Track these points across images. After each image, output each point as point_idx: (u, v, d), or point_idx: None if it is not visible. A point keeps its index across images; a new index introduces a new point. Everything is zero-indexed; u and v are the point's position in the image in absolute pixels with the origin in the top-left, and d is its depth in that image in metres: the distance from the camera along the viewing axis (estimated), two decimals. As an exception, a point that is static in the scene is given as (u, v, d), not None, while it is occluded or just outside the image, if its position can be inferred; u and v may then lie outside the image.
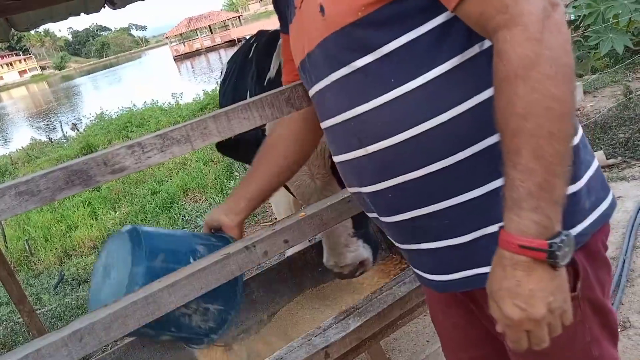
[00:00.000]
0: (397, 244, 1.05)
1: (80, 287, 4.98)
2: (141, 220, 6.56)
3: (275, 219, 3.61)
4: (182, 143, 1.11)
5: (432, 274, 0.99)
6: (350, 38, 0.86)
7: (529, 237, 0.73)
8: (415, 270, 1.06)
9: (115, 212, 7.31)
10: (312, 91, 1.05)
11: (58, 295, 4.82)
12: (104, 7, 3.24)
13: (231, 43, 49.32)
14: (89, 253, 6.14)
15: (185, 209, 6.57)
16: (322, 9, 0.88)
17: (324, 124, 1.03)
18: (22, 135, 19.01)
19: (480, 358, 1.11)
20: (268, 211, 5.23)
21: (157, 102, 15.67)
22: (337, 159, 1.04)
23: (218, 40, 51.80)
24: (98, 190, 8.42)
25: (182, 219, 6.18)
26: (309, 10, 0.93)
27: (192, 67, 38.05)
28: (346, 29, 0.86)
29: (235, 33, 51.53)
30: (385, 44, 0.84)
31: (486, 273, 0.81)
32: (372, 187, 0.96)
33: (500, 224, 0.76)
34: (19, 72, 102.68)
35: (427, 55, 0.83)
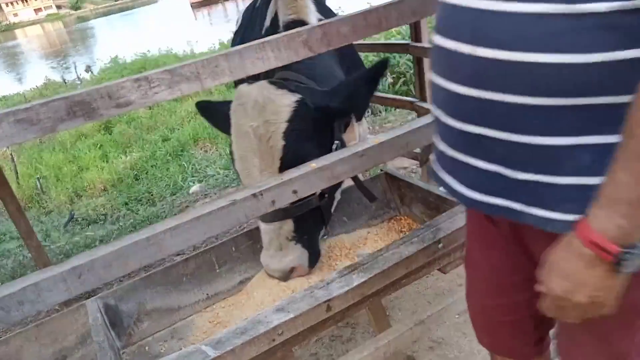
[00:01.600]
0: (446, 147, 1.00)
1: (90, 227, 5.04)
2: (151, 166, 6.57)
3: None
4: (192, 80, 1.05)
5: (473, 190, 0.96)
6: None
7: (606, 237, 0.74)
8: (452, 183, 1.01)
9: (126, 156, 7.32)
10: None
11: (68, 233, 4.89)
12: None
13: (250, -8, 48.10)
14: (99, 195, 6.19)
15: (196, 157, 6.56)
16: None
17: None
18: (37, 75, 18.93)
19: (506, 306, 1.11)
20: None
21: (172, 49, 15.43)
22: (437, 39, 0.95)
23: (236, -11, 50.52)
24: (110, 134, 8.43)
25: (192, 167, 6.18)
26: None
27: (209, 15, 37.27)
28: None
29: (255, -18, 50.15)
30: None
31: (532, 214, 0.85)
32: (459, 88, 0.90)
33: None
34: (34, 9, 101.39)
35: None
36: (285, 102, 1.45)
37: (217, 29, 22.92)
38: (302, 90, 1.50)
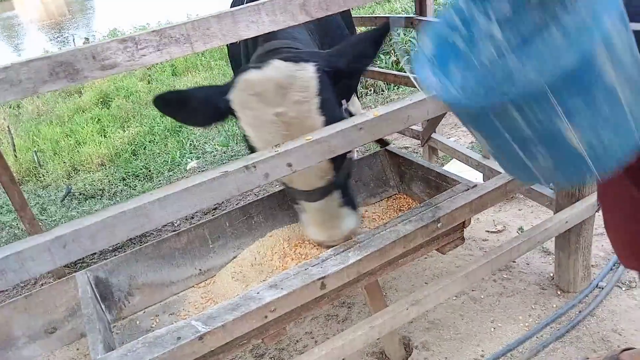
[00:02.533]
0: None
1: (87, 202, 5.01)
2: (149, 142, 6.51)
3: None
4: (182, 43, 1.00)
5: None
6: None
7: None
8: None
9: (124, 131, 7.25)
10: None
11: (64, 207, 4.86)
12: None
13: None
14: (97, 170, 6.14)
15: (194, 134, 6.50)
16: None
17: None
18: (35, 46, 18.70)
19: None
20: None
21: (171, 22, 15.22)
22: None
23: (239, -37, 49.54)
24: (108, 108, 8.34)
25: (190, 144, 6.12)
26: None
27: (210, -10, 36.65)
28: None
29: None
30: None
31: None
32: None
33: None
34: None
35: None
36: (309, 75, 1.33)
37: (219, 1, 22.58)
38: (310, 56, 1.41)
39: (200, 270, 1.71)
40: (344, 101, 1.58)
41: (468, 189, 1.56)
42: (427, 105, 1.37)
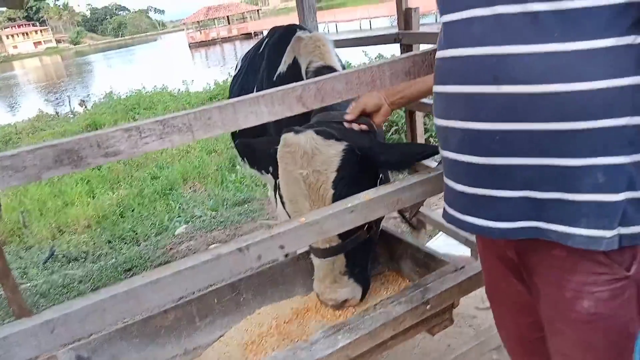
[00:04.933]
0: (465, 187, 1.07)
1: (70, 264, 4.91)
2: (138, 204, 6.49)
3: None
4: (183, 132, 1.04)
5: (499, 221, 1.02)
6: None
7: None
8: (474, 221, 1.07)
9: (113, 193, 7.24)
10: (456, 16, 1.02)
11: (46, 270, 4.76)
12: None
13: (247, 35, 49.25)
14: (82, 231, 6.06)
15: (184, 197, 6.50)
16: None
17: (455, 51, 1.03)
18: (30, 106, 18.96)
19: (537, 322, 1.15)
20: (267, 208, 5.16)
21: (167, 87, 15.60)
22: (448, 88, 1.05)
23: (235, 32, 51.69)
24: (99, 169, 8.37)
25: (179, 207, 6.12)
26: None
27: (206, 56, 37.99)
28: None
29: (253, 26, 51.43)
30: (568, 0, 0.86)
31: (555, 231, 0.94)
32: (483, 125, 0.98)
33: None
34: (34, 42, 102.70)
35: (598, 25, 0.86)
36: (333, 152, 1.48)
37: (213, 70, 23.33)
38: (349, 137, 1.52)
39: (185, 349, 1.67)
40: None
41: (456, 270, 1.58)
42: (417, 189, 1.42)
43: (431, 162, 2.31)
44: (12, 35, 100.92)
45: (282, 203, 1.66)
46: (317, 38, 2.01)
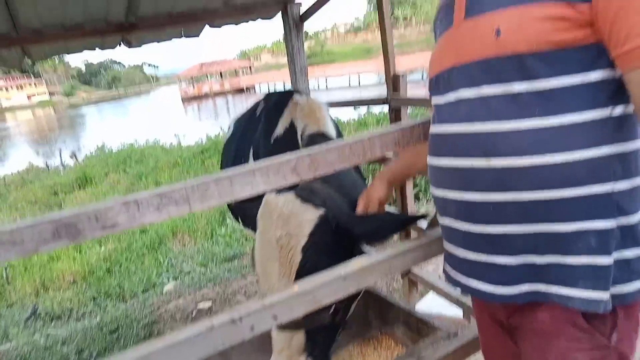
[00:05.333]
0: (466, 252, 1.11)
1: (53, 323, 4.76)
2: (125, 259, 6.39)
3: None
4: (180, 204, 1.06)
5: (499, 285, 1.05)
6: (517, 64, 0.95)
7: None
8: (475, 285, 1.10)
9: (101, 247, 7.14)
10: (446, 97, 1.10)
11: (28, 329, 4.60)
12: (120, 44, 3.29)
13: (240, 90, 50.34)
14: (67, 287, 5.92)
15: (173, 252, 6.43)
16: (498, 32, 0.96)
17: (446, 128, 1.10)
18: (21, 159, 18.95)
19: None
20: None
21: (159, 140, 15.74)
22: (442, 160, 1.12)
23: (227, 87, 52.85)
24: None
25: (168, 262, 6.03)
26: (477, 29, 1.01)
27: (199, 110, 38.61)
28: (518, 55, 0.94)
29: (245, 81, 52.69)
30: (547, 78, 0.93)
31: (555, 294, 0.97)
32: (477, 195, 1.03)
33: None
34: (27, 95, 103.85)
35: (573, 100, 0.92)
36: (308, 217, 1.48)
37: (205, 124, 23.66)
38: (329, 203, 1.53)
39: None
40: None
41: (450, 337, 1.57)
42: (409, 255, 1.43)
43: (422, 223, 2.33)
44: (7, 88, 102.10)
45: (253, 264, 1.65)
46: (313, 103, 2.08)
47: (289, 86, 3.66)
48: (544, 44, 0.91)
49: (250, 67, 63.39)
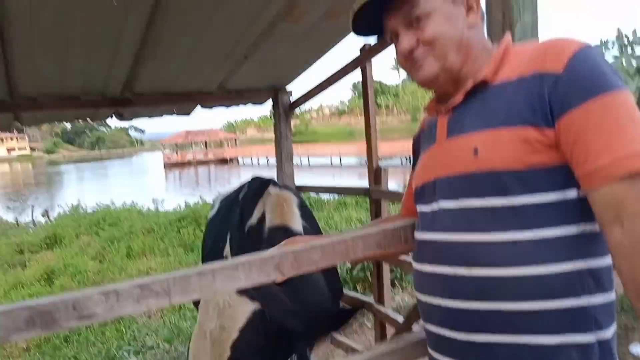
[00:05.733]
0: (447, 359, 1.11)
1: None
2: (86, 328, 6.06)
3: None
4: (161, 296, 1.05)
5: None
6: (494, 181, 1.01)
7: None
8: None
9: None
10: (431, 206, 1.16)
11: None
12: (112, 117, 3.36)
13: (223, 161, 50.82)
14: (18, 355, 5.55)
15: (137, 323, 6.15)
16: (476, 151, 1.03)
17: (429, 235, 1.15)
18: (-11, 213, 18.41)
19: None
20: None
21: (136, 204, 15.55)
22: (426, 267, 1.15)
23: (210, 156, 53.38)
24: (50, 286, 7.96)
25: (131, 334, 5.75)
26: (458, 147, 1.09)
27: (180, 177, 38.62)
28: (495, 172, 1.00)
29: (229, 153, 53.39)
30: (521, 195, 0.98)
31: None
32: (460, 303, 1.06)
33: None
34: (7, 148, 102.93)
35: (547, 217, 0.97)
36: (241, 310, 1.44)
37: (185, 191, 23.60)
38: (267, 298, 1.48)
39: None
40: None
41: None
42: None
43: (398, 317, 2.30)
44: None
45: (187, 357, 1.58)
46: (283, 197, 2.11)
47: (273, 160, 3.75)
48: (517, 163, 0.98)
49: (235, 140, 64.51)
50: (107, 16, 2.03)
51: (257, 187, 2.37)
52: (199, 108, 3.36)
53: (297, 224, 2.01)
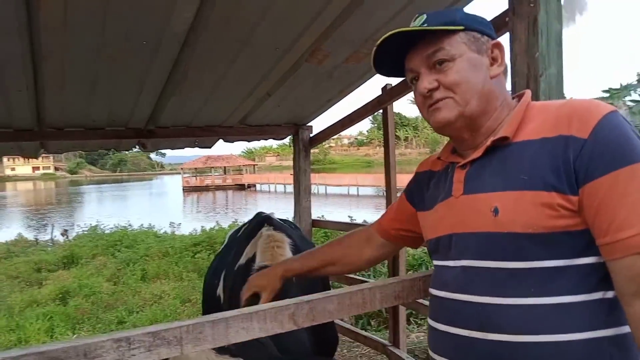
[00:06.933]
0: None
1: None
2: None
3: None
4: (173, 345, 1.04)
5: None
6: (513, 243, 0.98)
7: None
8: None
9: (74, 333, 6.80)
10: (446, 262, 1.14)
11: None
12: (135, 147, 3.42)
13: (241, 186, 51.18)
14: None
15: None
16: (496, 210, 1.01)
17: (445, 294, 1.12)
18: (12, 229, 18.74)
19: None
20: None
21: (153, 226, 15.66)
22: (441, 327, 1.12)
23: (229, 181, 53.85)
24: (64, 306, 7.99)
25: None
26: (476, 206, 1.06)
27: (198, 201, 38.94)
28: (514, 235, 0.98)
29: (247, 179, 53.80)
30: (540, 260, 0.97)
31: None
32: None
33: None
34: (33, 167, 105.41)
35: (567, 282, 0.95)
36: None
37: (202, 216, 23.73)
38: (250, 352, 1.42)
39: None
40: None
41: None
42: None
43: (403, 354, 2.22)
44: (14, 159, 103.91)
45: None
46: (274, 239, 2.04)
47: (290, 188, 3.73)
48: (539, 228, 0.96)
49: (254, 166, 65.07)
50: (136, 54, 2.08)
51: (255, 225, 2.34)
52: (220, 141, 3.41)
53: None
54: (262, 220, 2.39)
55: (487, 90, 1.08)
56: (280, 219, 2.62)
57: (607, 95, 4.99)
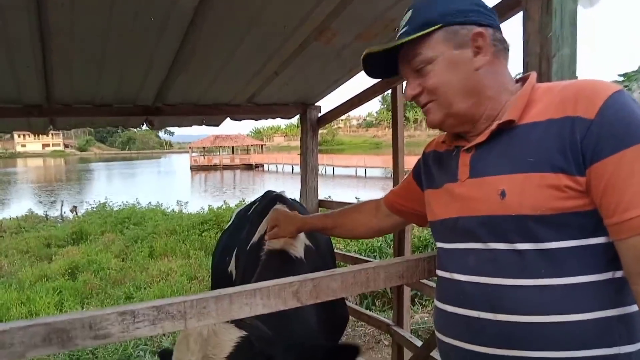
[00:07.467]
0: None
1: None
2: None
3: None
4: (176, 319, 1.05)
5: None
6: (522, 225, 0.99)
7: None
8: None
9: (82, 307, 6.93)
10: (455, 245, 1.14)
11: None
12: (143, 125, 3.43)
13: (249, 166, 51.30)
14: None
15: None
16: (503, 193, 1.01)
17: (454, 276, 1.12)
18: (22, 204, 18.97)
19: None
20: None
21: (161, 204, 15.78)
22: (450, 308, 1.13)
23: (237, 161, 53.97)
24: (74, 280, 8.12)
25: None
26: (482, 189, 1.06)
27: (205, 180, 39.13)
28: (522, 217, 0.98)
29: (255, 159, 53.88)
30: (549, 242, 0.97)
31: None
32: (484, 349, 1.04)
33: None
34: (43, 144, 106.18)
35: (578, 263, 0.96)
36: (228, 337, 1.34)
37: (209, 195, 23.87)
38: (253, 331, 1.39)
39: None
40: None
41: None
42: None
43: (416, 340, 2.24)
44: (24, 135, 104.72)
45: None
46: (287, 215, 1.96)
47: (298, 169, 3.73)
48: (546, 210, 0.96)
49: (262, 146, 65.07)
50: (143, 31, 2.07)
51: (267, 203, 2.33)
52: (227, 119, 3.40)
53: (297, 247, 1.90)
54: (274, 197, 2.39)
55: (472, 85, 1.07)
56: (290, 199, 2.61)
57: (623, 79, 4.93)
